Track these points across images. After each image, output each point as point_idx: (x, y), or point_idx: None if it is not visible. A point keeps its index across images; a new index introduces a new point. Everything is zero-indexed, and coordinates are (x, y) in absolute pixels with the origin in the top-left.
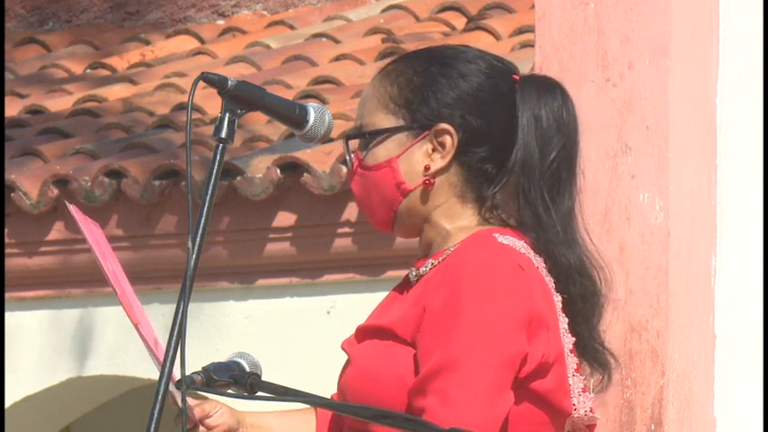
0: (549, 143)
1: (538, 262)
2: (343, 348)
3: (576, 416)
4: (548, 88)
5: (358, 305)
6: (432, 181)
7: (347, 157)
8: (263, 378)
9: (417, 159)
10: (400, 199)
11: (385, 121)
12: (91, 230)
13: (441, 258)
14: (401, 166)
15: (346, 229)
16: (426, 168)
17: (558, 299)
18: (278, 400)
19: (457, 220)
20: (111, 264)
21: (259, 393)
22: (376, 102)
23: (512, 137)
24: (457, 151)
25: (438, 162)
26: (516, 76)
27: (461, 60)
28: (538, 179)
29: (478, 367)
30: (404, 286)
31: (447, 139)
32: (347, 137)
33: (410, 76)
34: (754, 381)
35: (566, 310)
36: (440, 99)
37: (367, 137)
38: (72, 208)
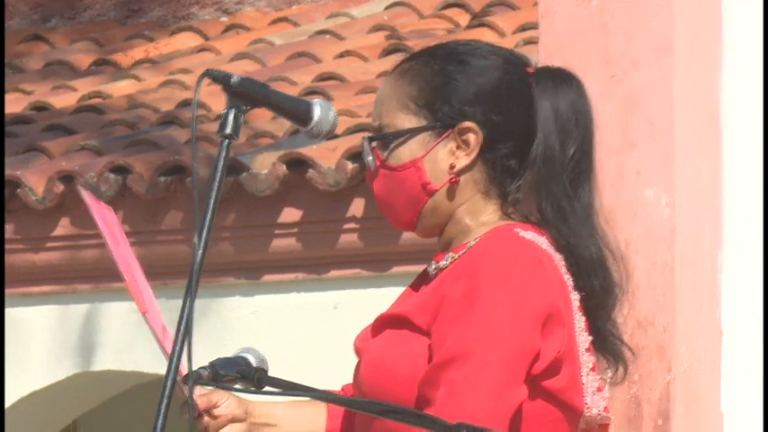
0: (569, 135)
1: (558, 259)
2: (354, 346)
3: (588, 415)
4: (564, 80)
5: (364, 301)
6: (457, 179)
7: (368, 158)
8: (270, 373)
9: (442, 158)
10: (426, 199)
11: (406, 121)
12: (103, 215)
13: (461, 252)
14: (426, 166)
15: (352, 225)
16: (451, 167)
17: (575, 297)
18: (284, 395)
19: (479, 216)
20: (123, 249)
21: (266, 388)
22: (395, 102)
23: (531, 130)
24: (481, 148)
25: (463, 160)
26: (530, 69)
27: (477, 56)
28: (559, 172)
29: (491, 359)
30: (422, 280)
31: (471, 137)
32: (370, 138)
33: (428, 76)
34: (760, 376)
35: (584, 305)
36: (461, 97)
37: (390, 138)
38: (84, 193)
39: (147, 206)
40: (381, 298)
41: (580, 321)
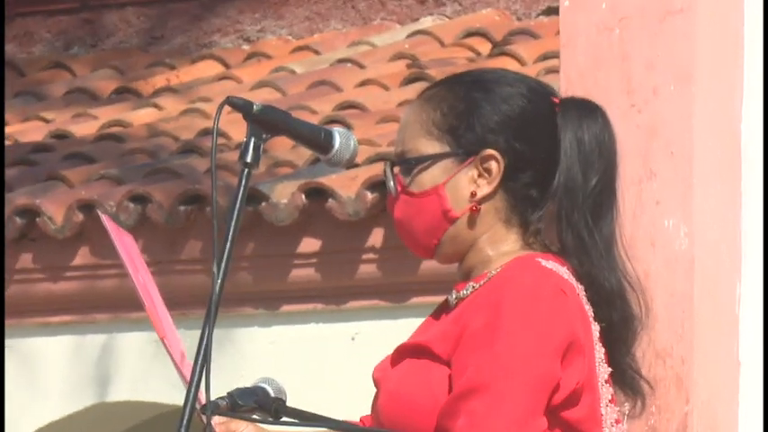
0: (592, 167)
1: (579, 289)
2: (373, 376)
3: None
4: (589, 111)
5: (382, 331)
6: (478, 207)
7: (389, 183)
8: (288, 404)
9: (463, 186)
10: (446, 226)
11: (429, 146)
12: (122, 241)
13: (482, 282)
14: (448, 193)
15: (371, 255)
16: (473, 195)
17: (595, 328)
18: (302, 426)
19: (500, 246)
20: (143, 275)
21: (283, 419)
22: (418, 127)
23: (554, 160)
24: (502, 177)
25: (484, 188)
26: (555, 99)
27: (502, 84)
28: (581, 203)
29: (511, 390)
30: (443, 309)
31: (493, 165)
32: (392, 163)
33: (453, 102)
34: None
35: (604, 337)
36: (484, 124)
37: (412, 163)
38: (104, 218)
39: (167, 235)
40: (400, 329)
41: (600, 352)
